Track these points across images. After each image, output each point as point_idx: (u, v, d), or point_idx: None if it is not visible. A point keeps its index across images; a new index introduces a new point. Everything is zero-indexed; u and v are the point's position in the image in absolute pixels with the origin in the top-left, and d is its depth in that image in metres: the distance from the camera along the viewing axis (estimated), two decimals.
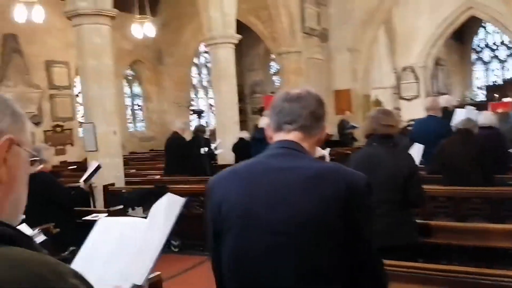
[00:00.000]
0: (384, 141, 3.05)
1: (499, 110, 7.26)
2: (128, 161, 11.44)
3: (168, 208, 1.53)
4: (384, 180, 2.78)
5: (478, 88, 26.80)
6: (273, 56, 19.09)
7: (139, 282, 1.41)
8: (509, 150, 5.39)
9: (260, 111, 12.73)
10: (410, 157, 3.15)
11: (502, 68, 26.39)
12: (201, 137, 7.78)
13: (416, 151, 4.12)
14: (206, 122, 18.98)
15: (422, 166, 4.74)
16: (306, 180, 1.39)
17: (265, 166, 1.48)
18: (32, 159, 0.89)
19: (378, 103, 17.52)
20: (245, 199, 1.44)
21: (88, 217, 5.07)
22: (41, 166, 4.55)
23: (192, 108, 17.74)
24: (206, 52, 19.32)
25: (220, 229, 1.47)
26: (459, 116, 5.71)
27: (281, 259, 1.36)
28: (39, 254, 0.75)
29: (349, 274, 1.37)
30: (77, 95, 13.99)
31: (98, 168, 5.45)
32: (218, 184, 1.53)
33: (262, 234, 1.39)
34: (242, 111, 16.25)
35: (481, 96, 25.82)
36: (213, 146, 8.65)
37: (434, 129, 5.48)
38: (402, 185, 2.91)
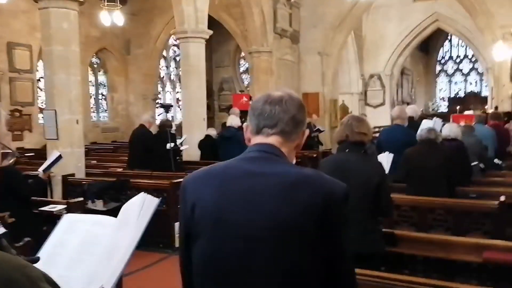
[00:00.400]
0: (356, 148, 3.06)
1: (462, 123, 7.43)
2: (89, 151, 11.16)
3: (141, 208, 1.42)
4: (356, 187, 2.78)
5: (441, 99, 27.63)
6: (243, 54, 19.05)
7: (107, 286, 1.30)
8: (472, 164, 5.51)
9: (227, 109, 12.63)
10: (380, 165, 3.16)
11: (465, 81, 27.33)
12: (167, 131, 7.63)
13: (385, 159, 4.14)
14: (172, 116, 18.75)
15: (387, 174, 4.79)
16: (283, 186, 1.35)
17: (241, 170, 1.43)
18: (3, 151, 0.82)
19: (345, 108, 17.74)
20: (219, 203, 1.39)
21: (45, 208, 4.91)
22: (13, 160, 4.39)
23: (160, 102, 17.52)
24: (175, 45, 19.09)
25: (193, 232, 1.43)
26: (425, 127, 5.81)
27: (254, 265, 1.33)
28: (10, 256, 0.71)
29: (323, 281, 1.35)
30: (38, 80, 13.56)
31: (59, 158, 5.27)
32: (193, 185, 1.47)
33: (235, 239, 1.35)
34: (209, 108, 16.17)
35: (443, 107, 26.61)
36: (178, 141, 8.51)
37: (401, 137, 5.55)
38: (373, 192, 2.92)
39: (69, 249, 1.39)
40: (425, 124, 5.65)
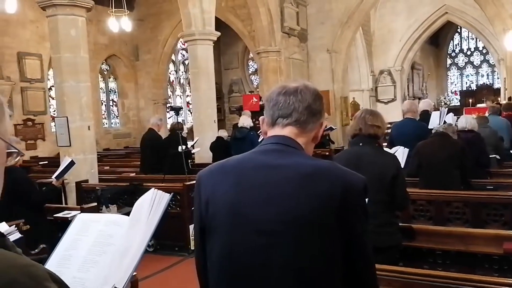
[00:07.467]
0: (370, 141, 3.02)
1: (475, 115, 7.30)
2: (102, 157, 11.21)
3: (152, 204, 1.39)
4: (371, 180, 2.72)
5: (452, 92, 27.34)
6: (251, 55, 19.03)
7: (120, 285, 1.28)
8: (490, 156, 5.42)
9: (238, 110, 12.61)
10: (395, 158, 3.11)
11: (476, 73, 27.01)
12: (178, 134, 7.62)
13: (401, 154, 4.08)
14: (183, 120, 18.79)
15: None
16: (299, 178, 1.32)
17: (256, 162, 1.40)
18: (9, 151, 0.81)
19: (356, 105, 17.63)
20: (233, 198, 1.36)
21: (60, 214, 4.92)
22: (19, 159, 4.40)
23: (169, 105, 17.57)
24: (184, 49, 19.13)
25: (207, 227, 1.41)
26: (434, 119, 5.72)
27: (272, 261, 1.29)
28: (12, 254, 0.68)
29: (341, 275, 1.32)
30: (50, 89, 13.67)
31: (71, 164, 5.27)
32: (207, 180, 1.45)
33: (250, 234, 1.32)
34: (219, 110, 16.17)
35: (455, 101, 26.34)
36: (190, 144, 8.50)
37: (412, 131, 5.46)
38: (388, 185, 2.88)
39: (83, 250, 1.38)
40: (434, 116, 5.56)
